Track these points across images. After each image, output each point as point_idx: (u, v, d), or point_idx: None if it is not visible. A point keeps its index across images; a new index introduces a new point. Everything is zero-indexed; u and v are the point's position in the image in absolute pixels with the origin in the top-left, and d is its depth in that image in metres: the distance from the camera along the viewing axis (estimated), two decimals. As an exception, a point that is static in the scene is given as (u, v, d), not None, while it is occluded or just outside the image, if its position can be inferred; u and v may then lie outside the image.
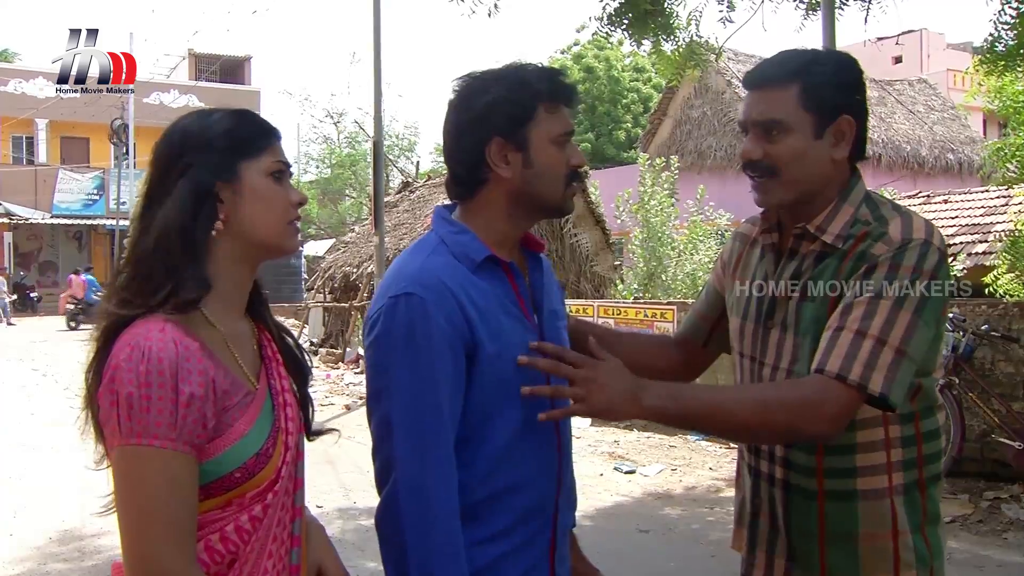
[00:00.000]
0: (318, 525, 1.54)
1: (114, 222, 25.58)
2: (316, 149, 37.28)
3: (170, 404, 1.19)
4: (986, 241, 11.28)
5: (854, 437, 1.54)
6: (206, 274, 1.30)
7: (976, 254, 11.00)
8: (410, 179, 19.11)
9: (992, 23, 5.68)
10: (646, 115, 25.53)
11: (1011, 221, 10.06)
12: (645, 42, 6.86)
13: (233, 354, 1.33)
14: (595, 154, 29.12)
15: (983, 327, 5.77)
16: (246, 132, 1.36)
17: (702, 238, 12.51)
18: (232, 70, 33.49)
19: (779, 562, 1.65)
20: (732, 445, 6.61)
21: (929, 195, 14.29)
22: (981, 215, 12.36)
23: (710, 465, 6.77)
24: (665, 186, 12.60)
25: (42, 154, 29.52)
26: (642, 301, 10.06)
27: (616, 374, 1.43)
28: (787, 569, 1.63)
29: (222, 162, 1.33)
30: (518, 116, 1.45)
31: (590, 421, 7.68)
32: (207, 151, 1.32)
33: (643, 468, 6.69)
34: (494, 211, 1.50)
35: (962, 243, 11.41)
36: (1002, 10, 5.59)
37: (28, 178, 28.27)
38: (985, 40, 5.89)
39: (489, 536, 1.43)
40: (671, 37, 6.74)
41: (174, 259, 1.28)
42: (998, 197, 12.27)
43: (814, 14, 6.49)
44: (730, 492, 5.41)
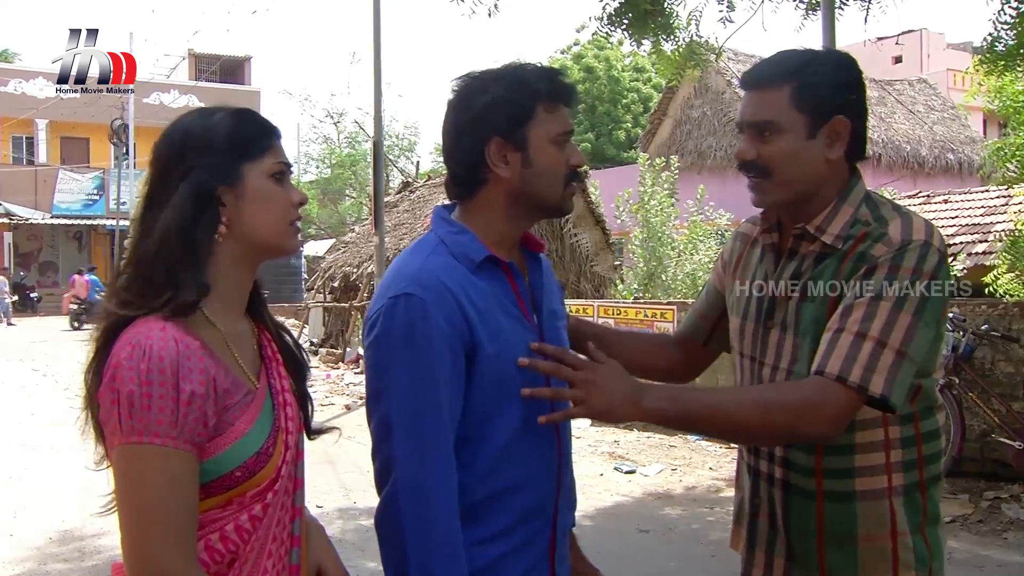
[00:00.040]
0: (318, 525, 1.54)
1: (114, 222, 25.59)
2: (316, 149, 37.37)
3: (171, 402, 1.19)
4: (986, 241, 11.27)
5: (853, 438, 1.54)
6: (205, 278, 1.30)
7: (976, 254, 10.99)
8: (410, 179, 19.12)
9: (992, 23, 5.68)
10: (646, 115, 25.53)
11: (1011, 221, 10.06)
12: (645, 42, 6.86)
13: (233, 353, 1.33)
14: (595, 154, 29.11)
15: (983, 327, 5.77)
16: (247, 133, 1.35)
17: (702, 238, 12.51)
18: (232, 70, 33.49)
19: (778, 562, 1.65)
20: (732, 445, 6.61)
21: (929, 195, 14.29)
22: (981, 215, 12.36)
23: (710, 465, 6.77)
24: (665, 186, 12.60)
25: (42, 154, 29.52)
26: (642, 301, 10.06)
27: (616, 376, 1.44)
28: (786, 569, 1.64)
29: (224, 165, 1.32)
30: (517, 116, 1.45)
31: (590, 421, 7.68)
32: (209, 154, 1.32)
33: (643, 468, 6.69)
34: (493, 211, 1.50)
35: (962, 243, 11.41)
36: (1002, 10, 5.59)
37: (28, 178, 28.27)
38: (985, 40, 5.89)
39: (489, 536, 1.43)
40: (671, 37, 6.74)
41: (175, 263, 1.28)
42: (998, 197, 12.27)
43: (814, 14, 6.49)
44: (730, 492, 5.40)
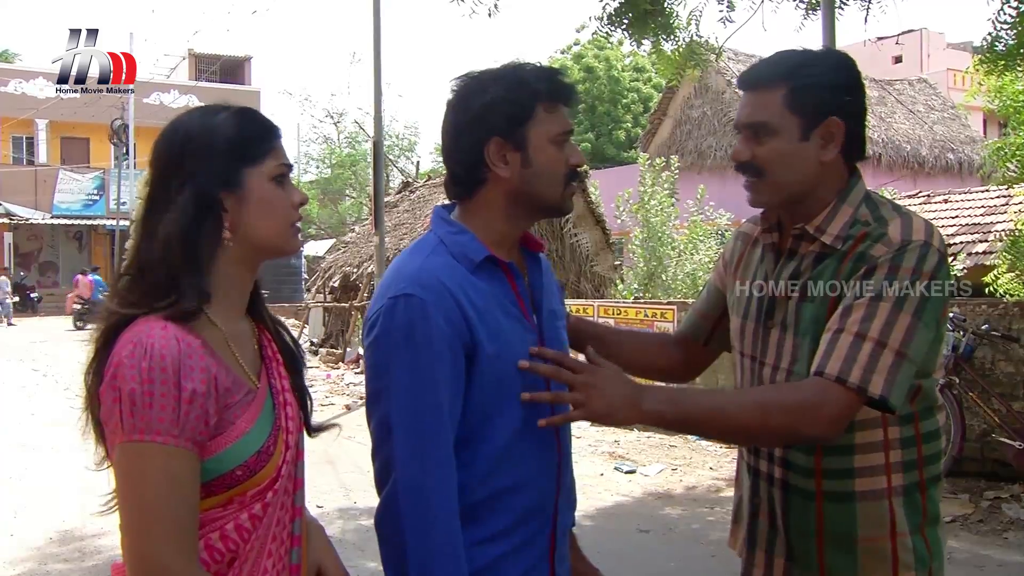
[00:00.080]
0: (318, 525, 1.54)
1: (114, 222, 25.60)
2: (316, 149, 37.38)
3: (172, 400, 1.19)
4: (986, 241, 11.27)
5: (853, 438, 1.54)
6: (206, 285, 1.29)
7: (976, 254, 10.99)
8: (410, 179, 19.13)
9: (991, 22, 5.68)
10: (646, 115, 25.52)
11: (1011, 221, 10.06)
12: (645, 42, 6.87)
13: (234, 353, 1.32)
14: (595, 154, 29.10)
15: (983, 327, 5.77)
16: (249, 136, 1.34)
17: (702, 238, 12.51)
18: (232, 70, 33.49)
19: (778, 562, 1.65)
20: (732, 445, 6.61)
21: (929, 195, 14.28)
22: (981, 215, 12.35)
23: (710, 465, 6.77)
24: (665, 186, 12.60)
25: (42, 154, 29.53)
26: (642, 301, 10.06)
27: (615, 379, 1.44)
28: (786, 569, 1.64)
29: (226, 171, 1.31)
30: (517, 116, 1.45)
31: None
32: (210, 159, 1.31)
33: (643, 468, 6.69)
34: (493, 211, 1.50)
35: (962, 243, 11.41)
36: (1001, 9, 5.58)
37: (28, 178, 28.28)
38: (985, 40, 5.88)
39: (489, 536, 1.43)
40: (671, 37, 6.74)
41: (179, 269, 1.27)
42: (998, 197, 12.26)
43: (814, 14, 6.49)
44: (730, 492, 5.40)
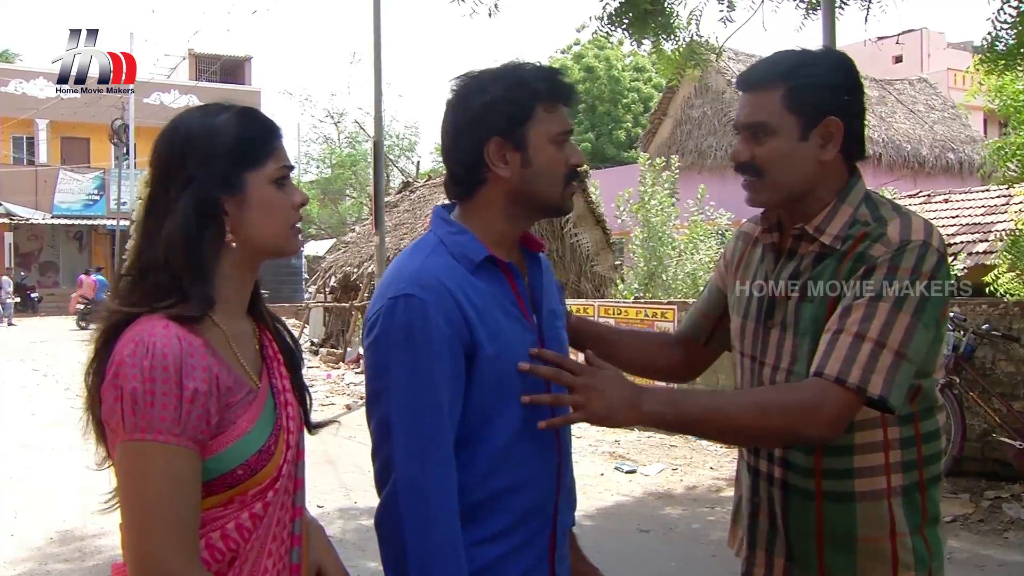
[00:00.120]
0: (318, 526, 1.54)
1: (115, 222, 25.59)
2: (316, 149, 37.38)
3: (174, 399, 1.19)
4: (987, 240, 11.26)
5: (852, 438, 1.54)
6: (212, 293, 1.30)
7: (977, 253, 10.98)
8: (410, 179, 19.14)
9: (991, 22, 5.67)
10: (646, 115, 25.51)
11: (1012, 220, 10.06)
12: (645, 42, 6.87)
13: (235, 352, 1.32)
14: (595, 154, 29.10)
15: (984, 326, 5.77)
16: (250, 139, 1.34)
17: (703, 238, 12.50)
18: (232, 70, 33.49)
19: (778, 561, 1.65)
20: (732, 446, 6.61)
21: (930, 194, 14.27)
22: (982, 214, 12.34)
23: (711, 465, 6.77)
24: (665, 186, 12.59)
25: (42, 154, 29.54)
26: (642, 301, 10.06)
27: (615, 381, 1.44)
28: (786, 569, 1.63)
29: (226, 174, 1.31)
30: (516, 116, 1.45)
31: (591, 421, 7.67)
32: (211, 162, 1.30)
33: (644, 468, 6.69)
34: (493, 211, 1.50)
35: (963, 242, 11.40)
36: (1001, 9, 5.58)
37: (28, 178, 28.29)
38: (985, 39, 5.88)
39: (489, 536, 1.43)
40: (671, 37, 6.74)
41: (181, 273, 1.27)
42: (998, 196, 12.26)
43: (814, 14, 6.49)
44: (731, 492, 5.40)
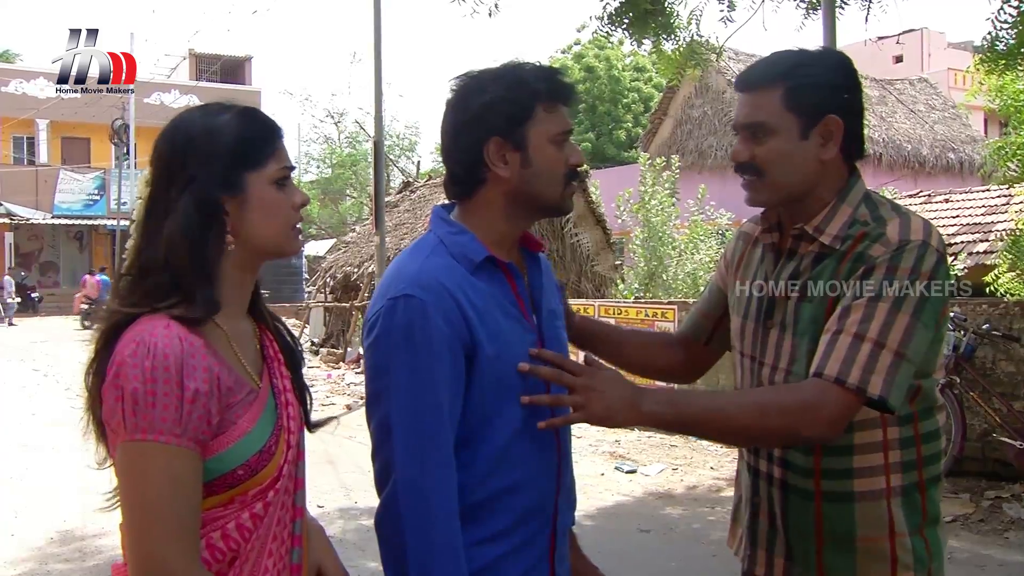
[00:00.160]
0: (318, 526, 1.55)
1: (115, 222, 25.58)
2: (317, 149, 37.39)
3: (175, 400, 1.19)
4: (987, 240, 11.26)
5: (852, 439, 1.54)
6: (217, 296, 1.30)
7: (977, 253, 10.98)
8: (411, 179, 19.15)
9: (991, 22, 5.67)
10: (647, 115, 25.49)
11: (1012, 220, 10.05)
12: (646, 42, 6.87)
13: (236, 353, 1.33)
14: (596, 154, 29.10)
15: (984, 326, 5.76)
16: (251, 140, 1.33)
17: (703, 238, 12.50)
18: (233, 70, 33.49)
19: (778, 561, 1.65)
20: (732, 446, 6.61)
21: (930, 194, 14.27)
22: (982, 214, 12.34)
23: (711, 464, 6.77)
24: (666, 186, 12.59)
25: (43, 154, 29.54)
26: (643, 301, 10.06)
27: (614, 382, 1.44)
28: (786, 568, 1.63)
29: (227, 175, 1.31)
30: (516, 116, 1.45)
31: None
32: (211, 163, 1.30)
33: (644, 468, 6.69)
34: (493, 211, 1.49)
35: (963, 242, 11.39)
36: (1001, 9, 5.58)
37: (29, 178, 28.30)
38: (985, 39, 5.88)
39: (489, 536, 1.43)
40: (671, 37, 6.74)
41: (184, 275, 1.27)
42: (999, 196, 12.25)
43: (815, 13, 6.49)
44: (731, 492, 5.40)
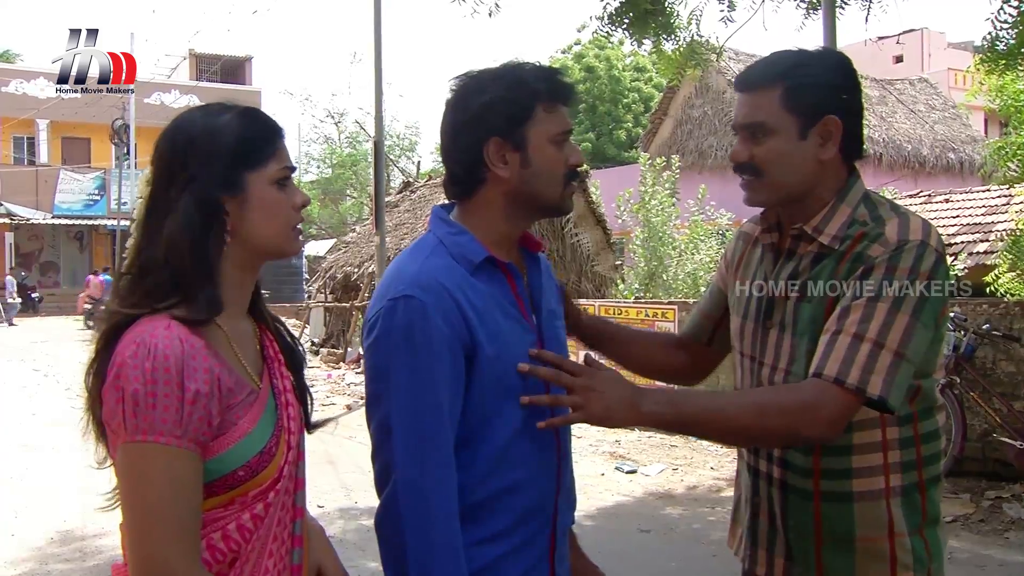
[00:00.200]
0: (318, 526, 1.55)
1: (115, 222, 25.58)
2: (317, 149, 37.38)
3: (176, 401, 1.19)
4: (987, 240, 11.25)
5: (851, 439, 1.54)
6: (219, 295, 1.30)
7: (977, 253, 10.97)
8: (411, 179, 19.15)
9: (991, 22, 5.67)
10: (647, 115, 25.47)
11: (1012, 220, 10.05)
12: (646, 42, 6.87)
13: (236, 353, 1.32)
14: (596, 154, 29.09)
15: (984, 326, 5.76)
16: (251, 140, 1.33)
17: (703, 238, 12.49)
18: (233, 70, 33.50)
19: (778, 561, 1.65)
20: (732, 447, 6.61)
21: (930, 194, 14.26)
22: (982, 214, 12.33)
23: (711, 465, 6.77)
24: (666, 186, 12.58)
25: (43, 154, 29.55)
26: (643, 301, 10.06)
27: (613, 382, 1.44)
28: (786, 568, 1.64)
29: (227, 175, 1.31)
30: (516, 116, 1.44)
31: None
32: (212, 162, 1.30)
33: (644, 468, 6.69)
34: (492, 211, 1.49)
35: (963, 242, 11.39)
36: (1001, 9, 5.58)
37: (29, 178, 28.30)
38: (985, 39, 5.87)
39: (489, 536, 1.43)
40: (672, 37, 6.74)
41: (185, 274, 1.27)
42: (999, 196, 12.25)
43: (815, 13, 6.49)
44: (731, 492, 5.40)
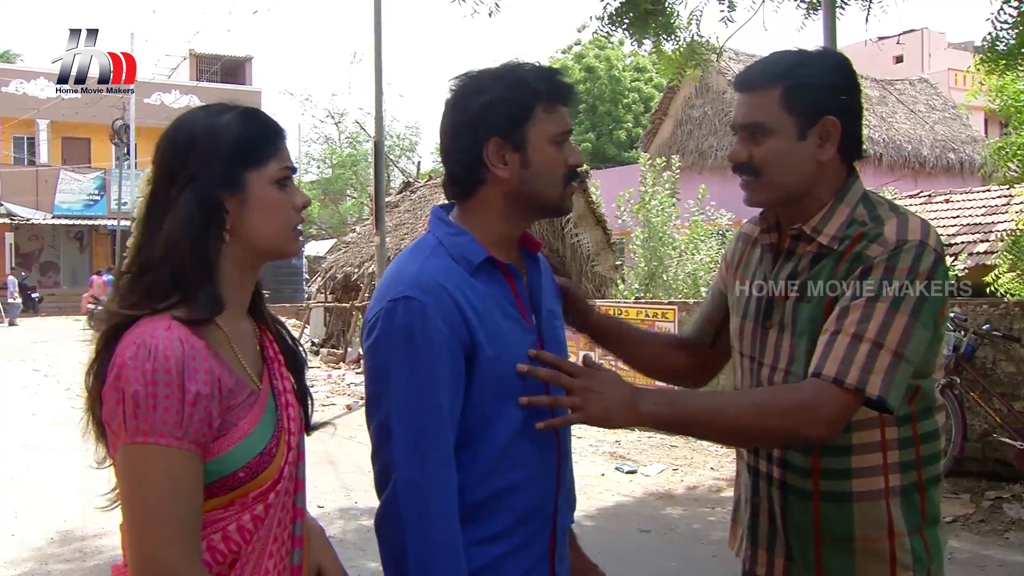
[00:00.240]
0: (318, 527, 1.55)
1: (115, 222, 25.59)
2: (317, 149, 37.34)
3: (176, 403, 1.19)
4: (987, 240, 11.24)
5: (850, 439, 1.54)
6: (220, 294, 1.30)
7: (977, 253, 10.96)
8: (411, 179, 19.15)
9: (991, 22, 5.66)
10: (647, 115, 25.44)
11: (1012, 220, 10.04)
12: (646, 42, 6.87)
13: (236, 354, 1.32)
14: (596, 154, 29.09)
15: (984, 326, 5.77)
16: (252, 139, 1.34)
17: (703, 238, 12.48)
18: (233, 70, 33.50)
19: (778, 561, 1.65)
20: (731, 447, 6.60)
21: (930, 195, 14.25)
22: (982, 215, 12.32)
23: (711, 465, 6.77)
24: (666, 186, 12.56)
25: (43, 154, 29.55)
26: (643, 301, 10.05)
27: (612, 383, 1.44)
28: (786, 568, 1.64)
29: (228, 174, 1.31)
30: (516, 116, 1.44)
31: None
32: (213, 161, 1.30)
33: (644, 468, 6.69)
34: (492, 211, 1.49)
35: (963, 243, 11.38)
36: (1001, 9, 5.57)
37: (29, 179, 28.30)
38: (985, 39, 5.87)
39: (489, 536, 1.43)
40: (672, 37, 6.74)
41: (185, 273, 1.27)
42: (999, 196, 12.24)
43: (815, 14, 6.49)
44: (731, 492, 5.39)
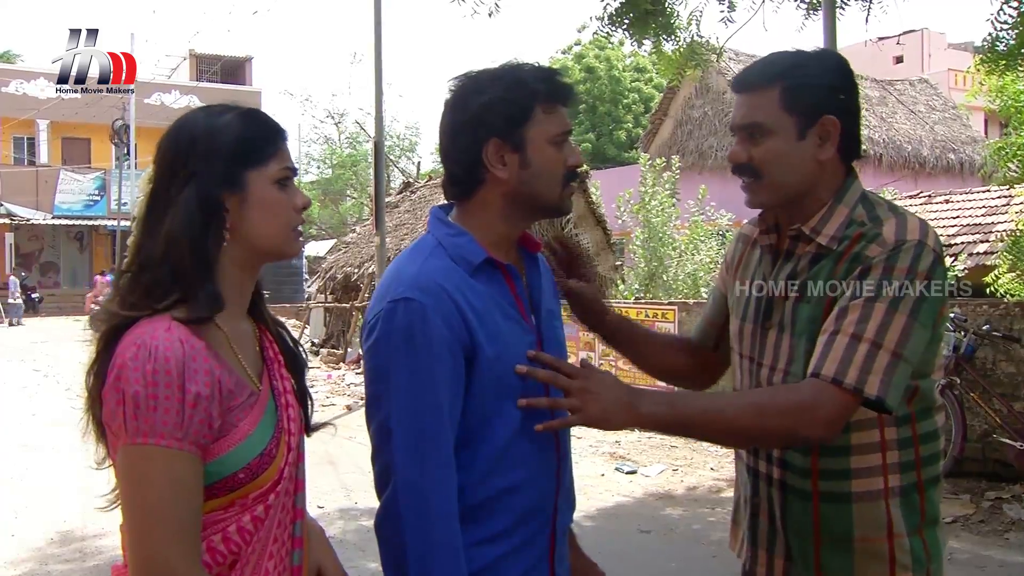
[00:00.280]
0: (318, 527, 1.55)
1: (115, 223, 25.60)
2: (317, 149, 37.35)
3: (176, 403, 1.19)
4: (987, 241, 11.24)
5: (849, 439, 1.54)
6: (220, 292, 1.30)
7: (977, 254, 10.96)
8: (411, 179, 19.16)
9: (991, 23, 5.66)
10: (647, 115, 25.43)
11: (1012, 221, 10.04)
12: (646, 42, 6.86)
13: (237, 355, 1.32)
14: (596, 154, 29.08)
15: (984, 327, 5.77)
16: (253, 138, 1.34)
17: (703, 238, 12.47)
18: (233, 71, 33.52)
19: (778, 562, 1.65)
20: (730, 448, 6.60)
21: (930, 195, 14.25)
22: (982, 215, 12.32)
23: (711, 465, 6.77)
24: (666, 186, 12.56)
25: (43, 155, 29.56)
26: (643, 301, 10.06)
27: (610, 384, 1.44)
28: (785, 569, 1.64)
29: (228, 172, 1.31)
30: (515, 117, 1.44)
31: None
32: (213, 160, 1.30)
33: (644, 468, 6.69)
34: (491, 212, 1.49)
35: (963, 243, 11.38)
36: (1001, 9, 5.57)
37: (29, 179, 28.31)
38: (985, 40, 5.87)
39: (488, 537, 1.43)
40: (672, 37, 6.74)
41: (184, 271, 1.27)
42: (999, 197, 12.24)
43: (815, 14, 6.48)
44: (731, 492, 5.39)
